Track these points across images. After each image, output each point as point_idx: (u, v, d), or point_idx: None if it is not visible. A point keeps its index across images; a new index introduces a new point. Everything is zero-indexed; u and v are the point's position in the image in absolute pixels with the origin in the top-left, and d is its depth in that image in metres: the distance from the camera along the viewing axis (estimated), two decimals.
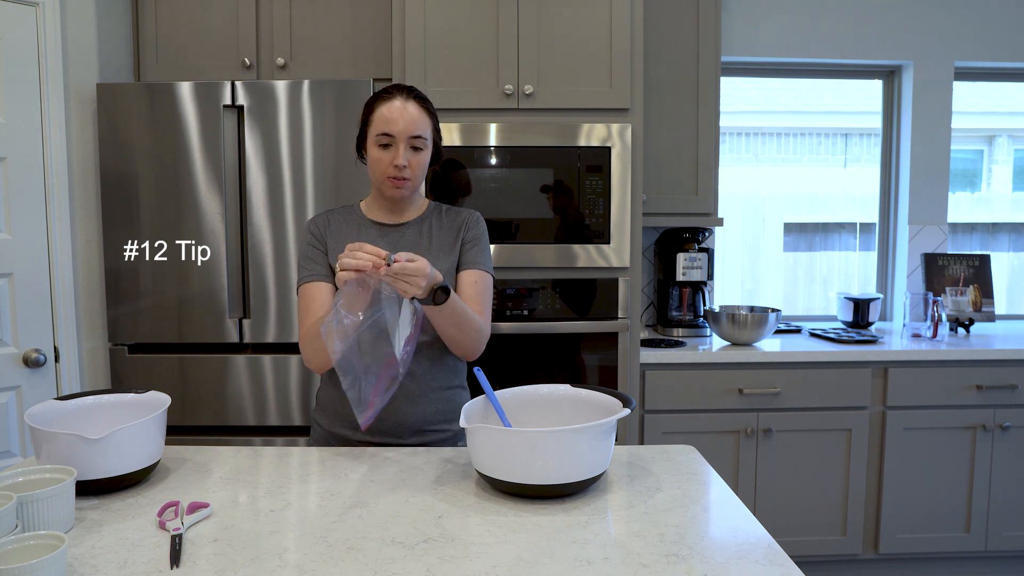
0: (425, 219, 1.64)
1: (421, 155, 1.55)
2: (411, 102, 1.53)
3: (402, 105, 1.52)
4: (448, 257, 1.60)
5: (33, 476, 1.11)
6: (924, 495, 2.63)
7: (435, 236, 1.62)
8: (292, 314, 2.35)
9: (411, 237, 1.60)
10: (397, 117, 1.51)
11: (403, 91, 1.54)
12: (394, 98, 1.53)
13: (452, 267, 1.61)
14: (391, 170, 1.52)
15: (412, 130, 1.51)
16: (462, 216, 1.66)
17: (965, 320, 2.96)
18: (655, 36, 2.75)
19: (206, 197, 2.33)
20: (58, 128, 2.26)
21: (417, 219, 1.63)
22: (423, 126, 1.53)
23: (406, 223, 1.62)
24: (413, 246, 1.59)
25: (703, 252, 2.86)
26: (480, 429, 1.18)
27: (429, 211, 1.66)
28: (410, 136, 1.51)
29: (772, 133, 3.46)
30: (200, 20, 2.60)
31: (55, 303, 2.28)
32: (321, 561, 0.98)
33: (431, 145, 1.57)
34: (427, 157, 1.57)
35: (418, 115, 1.53)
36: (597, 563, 0.98)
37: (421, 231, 1.62)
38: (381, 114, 1.52)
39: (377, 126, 1.52)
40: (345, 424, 1.58)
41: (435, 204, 1.68)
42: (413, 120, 1.51)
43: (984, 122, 3.49)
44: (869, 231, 3.40)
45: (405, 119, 1.51)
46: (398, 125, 1.50)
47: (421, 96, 1.57)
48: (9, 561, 0.88)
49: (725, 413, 2.56)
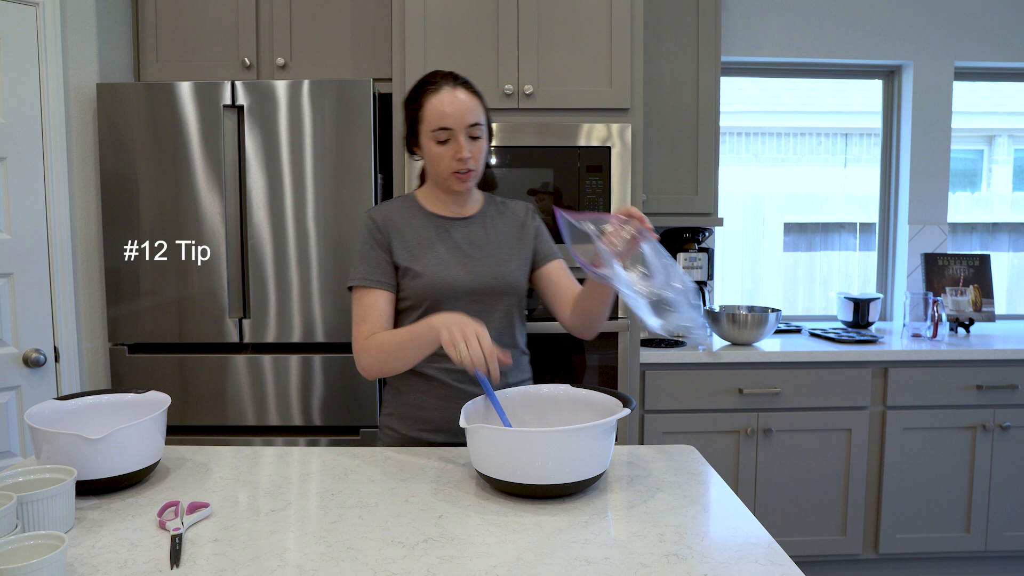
0: (486, 212, 1.61)
1: (480, 143, 1.50)
2: (460, 89, 1.47)
3: (453, 94, 1.45)
4: (516, 249, 1.58)
5: (33, 476, 1.11)
6: (924, 495, 2.63)
7: (502, 227, 1.60)
8: (292, 314, 2.35)
9: (477, 231, 1.57)
10: (451, 108, 1.44)
11: (448, 79, 1.48)
12: (441, 88, 1.46)
13: (523, 261, 1.59)
14: (455, 164, 1.47)
15: (469, 118, 1.45)
16: (520, 207, 1.64)
17: (965, 320, 2.96)
18: (655, 36, 2.75)
19: (206, 197, 2.33)
20: (58, 128, 2.26)
21: (479, 213, 1.60)
22: (477, 112, 1.48)
23: (470, 217, 1.59)
24: (480, 240, 1.56)
25: (703, 252, 2.86)
26: (480, 429, 1.18)
27: (486, 203, 1.63)
28: (467, 125, 1.46)
29: (772, 133, 3.46)
30: (200, 20, 2.60)
31: (55, 303, 2.28)
32: (321, 561, 0.98)
33: (487, 130, 1.53)
34: (485, 143, 1.52)
35: (470, 102, 1.47)
36: (597, 563, 0.98)
37: (485, 225, 1.59)
38: (433, 107, 1.46)
39: (431, 120, 1.46)
40: (425, 427, 1.56)
41: (488, 195, 1.65)
42: (468, 108, 1.46)
43: (984, 122, 3.49)
44: (869, 231, 3.40)
45: (460, 108, 1.44)
46: (454, 117, 1.44)
47: (467, 81, 1.51)
48: (9, 561, 0.88)
49: (725, 413, 2.56)
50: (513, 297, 1.58)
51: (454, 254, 1.53)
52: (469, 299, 1.53)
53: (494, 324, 1.54)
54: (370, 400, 2.37)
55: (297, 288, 2.35)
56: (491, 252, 1.56)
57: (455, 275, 1.51)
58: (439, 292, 1.50)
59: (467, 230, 1.57)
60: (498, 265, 1.55)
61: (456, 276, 1.51)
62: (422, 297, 1.51)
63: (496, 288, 1.54)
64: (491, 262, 1.55)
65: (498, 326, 1.56)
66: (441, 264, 1.52)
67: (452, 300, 1.51)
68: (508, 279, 1.55)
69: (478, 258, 1.54)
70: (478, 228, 1.58)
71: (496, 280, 1.54)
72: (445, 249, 1.54)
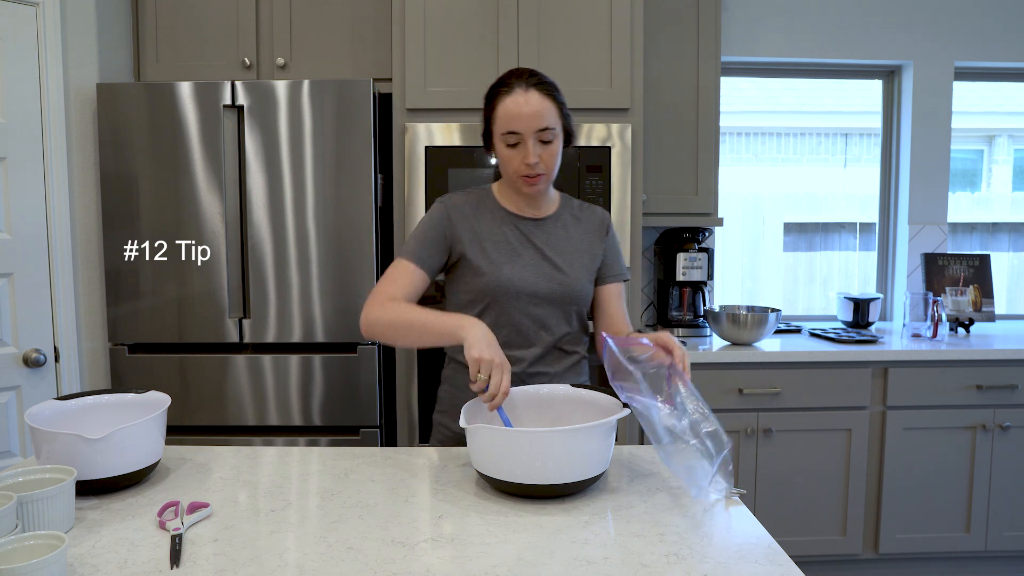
0: (560, 216, 1.58)
1: (552, 147, 1.46)
2: (532, 91, 1.43)
3: (524, 97, 1.42)
4: (586, 258, 1.57)
5: (33, 476, 1.11)
6: (924, 495, 2.63)
7: (576, 234, 1.58)
8: (292, 314, 2.35)
9: (550, 235, 1.55)
10: (521, 112, 1.41)
11: (522, 79, 1.44)
12: (513, 89, 1.43)
13: (590, 271, 1.57)
14: (523, 168, 1.45)
15: (538, 123, 1.42)
16: (597, 215, 1.62)
17: (965, 320, 2.96)
18: (655, 36, 2.75)
19: (206, 197, 2.33)
20: (58, 128, 2.26)
21: (555, 215, 1.58)
22: (549, 116, 1.43)
23: (546, 218, 1.57)
24: (551, 244, 1.54)
25: (703, 252, 2.86)
26: (480, 429, 1.18)
27: (563, 205, 1.60)
28: (537, 130, 1.42)
29: (772, 133, 3.46)
30: (200, 20, 2.60)
31: (55, 303, 2.28)
32: (321, 561, 0.98)
33: (562, 132, 1.48)
34: (558, 146, 1.48)
35: (542, 105, 1.42)
36: (597, 563, 0.98)
37: (559, 229, 1.56)
38: (504, 109, 1.43)
39: (501, 123, 1.44)
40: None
41: (564, 197, 1.63)
42: (538, 112, 1.42)
43: (984, 122, 3.49)
44: (869, 231, 3.40)
45: (529, 113, 1.41)
46: (523, 121, 1.42)
47: (543, 81, 1.45)
48: (9, 561, 0.88)
49: (725, 413, 2.56)
50: (574, 305, 1.56)
51: (522, 255, 1.52)
52: (530, 302, 1.51)
53: (552, 328, 1.54)
54: (370, 400, 2.37)
55: (297, 288, 2.35)
56: (560, 258, 1.54)
57: (520, 277, 1.50)
58: (501, 291, 1.49)
59: (540, 232, 1.55)
60: (564, 272, 1.54)
61: (521, 278, 1.50)
62: (484, 294, 1.51)
63: (559, 295, 1.53)
64: (558, 268, 1.53)
65: (558, 331, 1.55)
66: (507, 264, 1.51)
67: (513, 301, 1.50)
68: (572, 287, 1.54)
69: (546, 262, 1.53)
70: (551, 231, 1.56)
71: (561, 287, 1.53)
72: (514, 249, 1.52)
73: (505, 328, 1.53)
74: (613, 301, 1.61)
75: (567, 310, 1.55)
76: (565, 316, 1.56)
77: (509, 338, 1.53)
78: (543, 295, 1.52)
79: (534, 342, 1.54)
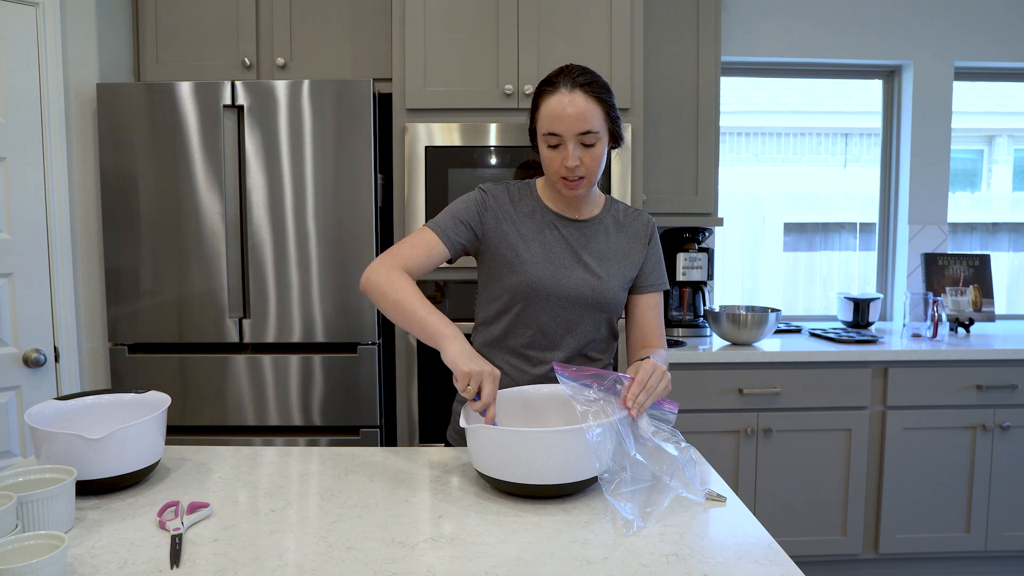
0: (603, 220, 1.54)
1: (594, 150, 1.41)
2: (577, 92, 1.37)
3: (568, 98, 1.37)
4: (628, 265, 1.53)
5: (33, 476, 1.11)
6: (924, 495, 2.63)
7: (616, 240, 1.53)
8: (292, 314, 2.35)
9: (589, 238, 1.51)
10: (563, 113, 1.37)
11: (568, 79, 1.39)
12: (558, 89, 1.38)
13: (627, 280, 1.53)
14: (563, 171, 1.41)
15: (580, 127, 1.37)
16: (642, 221, 1.56)
17: (965, 320, 2.96)
18: (655, 36, 2.75)
19: (206, 197, 2.33)
20: (58, 128, 2.26)
21: (596, 218, 1.53)
22: (593, 119, 1.38)
23: (587, 220, 1.52)
24: (590, 249, 1.50)
25: (703, 252, 2.86)
26: (480, 429, 1.18)
27: (606, 209, 1.55)
28: (578, 133, 1.38)
29: (772, 133, 3.46)
30: (200, 20, 2.60)
31: (55, 303, 2.28)
32: (321, 561, 0.98)
33: (607, 135, 1.43)
34: (602, 149, 1.42)
35: (586, 107, 1.37)
36: (597, 563, 0.98)
37: (599, 234, 1.52)
38: (548, 108, 1.39)
39: (544, 123, 1.40)
40: None
41: (610, 199, 1.58)
42: (580, 115, 1.37)
43: (984, 122, 3.49)
44: (869, 231, 3.40)
45: (571, 115, 1.37)
46: (564, 123, 1.37)
47: (589, 81, 1.39)
48: (9, 561, 0.88)
49: (725, 413, 2.56)
50: (605, 313, 1.52)
51: (558, 257, 1.49)
52: (560, 305, 1.48)
53: (580, 333, 1.51)
54: (370, 400, 2.37)
55: (297, 288, 2.35)
56: (597, 262, 1.50)
57: (553, 279, 1.47)
58: (532, 291, 1.47)
59: (579, 235, 1.51)
60: (600, 279, 1.49)
61: (553, 280, 1.47)
62: (515, 291, 1.47)
63: (591, 301, 1.49)
64: (593, 274, 1.49)
65: (584, 337, 1.52)
66: (541, 264, 1.47)
67: (543, 302, 1.48)
68: (605, 295, 1.49)
69: (580, 266, 1.49)
70: (591, 235, 1.51)
71: (594, 294, 1.49)
72: (550, 250, 1.49)
73: (531, 328, 1.50)
74: (648, 312, 1.56)
75: (597, 316, 1.51)
76: (595, 322, 1.52)
77: (534, 339, 1.50)
78: (574, 299, 1.48)
79: (559, 345, 1.51)
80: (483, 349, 1.56)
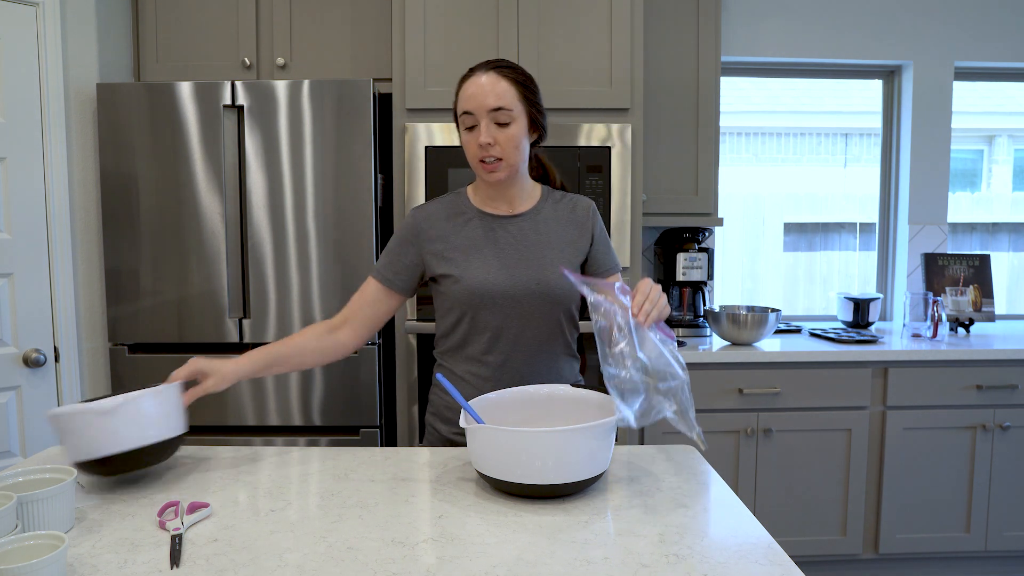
0: (539, 210, 1.51)
1: (509, 129, 1.39)
2: (491, 73, 1.39)
3: (483, 78, 1.38)
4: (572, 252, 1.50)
5: (33, 476, 1.11)
6: (924, 495, 2.63)
7: (552, 230, 1.50)
8: (292, 314, 2.35)
9: (526, 231, 1.49)
10: (475, 91, 1.38)
11: (485, 65, 1.40)
12: (474, 74, 1.40)
13: (577, 264, 1.50)
14: (478, 151, 1.40)
15: (492, 102, 1.37)
16: (581, 206, 1.53)
17: (965, 320, 2.96)
18: (655, 36, 2.75)
19: (206, 197, 2.33)
20: (58, 128, 2.26)
21: (533, 209, 1.51)
22: (506, 97, 1.38)
23: (524, 214, 1.50)
24: (528, 242, 1.47)
25: (703, 252, 2.86)
26: (480, 429, 1.18)
27: (542, 199, 1.53)
28: (490, 109, 1.37)
29: (772, 133, 3.46)
30: (200, 20, 2.60)
31: (55, 303, 2.28)
32: (321, 561, 0.98)
33: (523, 117, 1.41)
34: (518, 130, 1.41)
35: (498, 84, 1.37)
36: (597, 563, 0.98)
37: (536, 224, 1.49)
38: (464, 92, 1.40)
39: (460, 105, 1.41)
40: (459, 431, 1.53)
41: (547, 190, 1.55)
42: (490, 91, 1.37)
43: (984, 122, 3.49)
44: (869, 231, 3.40)
45: (481, 91, 1.37)
46: (476, 100, 1.37)
47: (506, 65, 1.41)
48: (9, 561, 0.88)
49: (725, 413, 2.56)
50: (560, 305, 1.48)
51: (497, 257, 1.46)
52: (509, 305, 1.46)
53: (536, 332, 1.48)
54: (370, 400, 2.37)
55: (297, 288, 2.35)
56: (537, 255, 1.47)
57: (495, 280, 1.45)
58: (478, 298, 1.45)
59: (517, 230, 1.48)
60: (543, 270, 1.46)
61: (496, 281, 1.45)
62: (463, 303, 1.46)
63: (539, 294, 1.46)
64: (536, 266, 1.46)
65: (540, 334, 1.49)
66: (481, 269, 1.45)
67: (492, 306, 1.45)
68: (551, 286, 1.46)
69: (522, 261, 1.46)
70: (527, 227, 1.49)
71: (540, 286, 1.45)
72: (489, 252, 1.46)
73: (487, 333, 1.48)
74: None
75: (550, 309, 1.48)
76: (549, 315, 1.49)
77: (491, 344, 1.48)
78: (521, 296, 1.45)
79: (519, 346, 1.49)
80: (444, 360, 1.56)
